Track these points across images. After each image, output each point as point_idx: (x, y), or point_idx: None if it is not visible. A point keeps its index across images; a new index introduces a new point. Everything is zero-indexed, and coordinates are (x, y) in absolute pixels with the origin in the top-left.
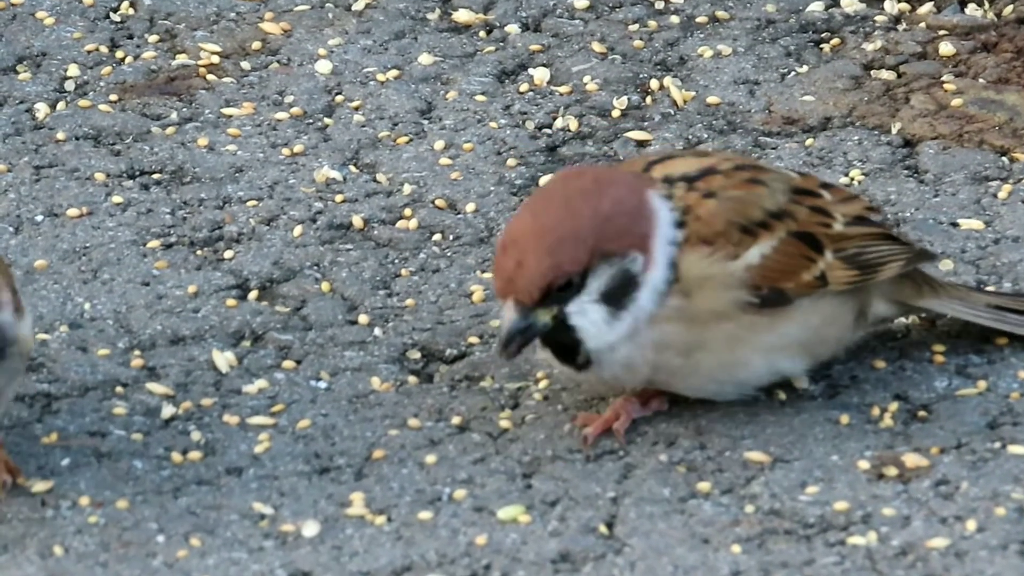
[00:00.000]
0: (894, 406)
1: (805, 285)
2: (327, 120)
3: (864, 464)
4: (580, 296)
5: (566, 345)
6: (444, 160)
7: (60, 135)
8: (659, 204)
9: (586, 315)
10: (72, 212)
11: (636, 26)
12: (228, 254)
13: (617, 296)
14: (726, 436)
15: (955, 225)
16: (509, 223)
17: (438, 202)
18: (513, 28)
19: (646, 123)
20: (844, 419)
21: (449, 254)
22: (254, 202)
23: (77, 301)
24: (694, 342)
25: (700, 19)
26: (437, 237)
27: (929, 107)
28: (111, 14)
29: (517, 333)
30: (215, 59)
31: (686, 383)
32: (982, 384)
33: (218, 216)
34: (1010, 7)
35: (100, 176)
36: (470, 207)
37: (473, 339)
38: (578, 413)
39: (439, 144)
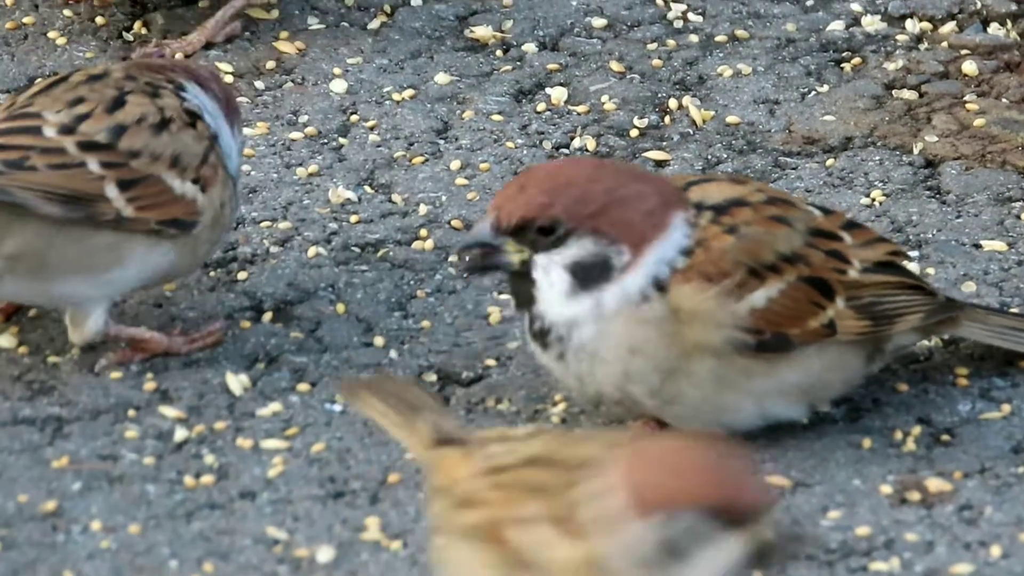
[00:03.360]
0: (917, 430)
1: (812, 332)
2: (342, 140)
3: (887, 488)
4: (552, 252)
5: (522, 298)
6: (460, 180)
7: None
8: (677, 224)
9: (549, 274)
10: None
11: (655, 45)
12: (242, 275)
13: (585, 274)
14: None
15: (977, 246)
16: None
17: (454, 223)
18: (530, 47)
19: (665, 143)
20: (866, 443)
21: (465, 275)
22: (268, 223)
23: None
24: (676, 365)
25: (719, 38)
26: (453, 258)
27: (951, 127)
28: (124, 33)
29: (476, 245)
30: (229, 78)
31: (668, 410)
32: (1006, 408)
33: (232, 237)
34: None
35: None
36: None
37: (490, 361)
38: None
39: (455, 164)
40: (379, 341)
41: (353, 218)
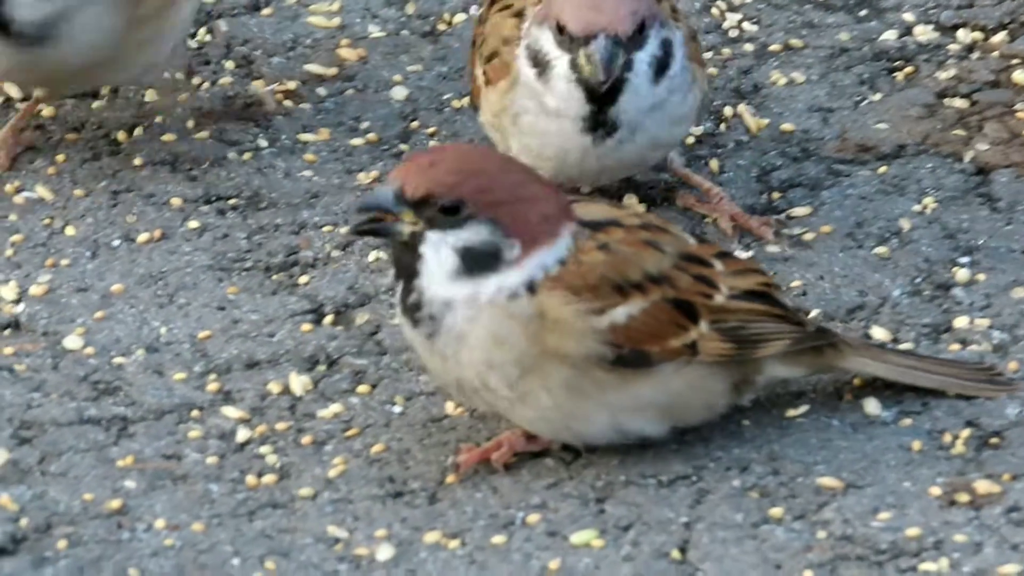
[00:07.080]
0: (965, 433)
1: (672, 351)
2: (402, 146)
3: (936, 490)
4: (448, 232)
5: (404, 270)
6: None
7: (137, 160)
8: (564, 236)
9: (438, 252)
10: (148, 237)
11: (710, 54)
12: (303, 279)
13: (473, 260)
14: (799, 462)
15: None
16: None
17: None
18: None
19: (720, 150)
20: (916, 445)
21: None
22: (329, 227)
23: (153, 325)
24: (534, 364)
25: (774, 47)
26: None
27: (1002, 135)
28: (188, 40)
29: (376, 208)
30: (291, 85)
31: (518, 411)
32: None
33: (293, 241)
34: None
35: (176, 201)
36: None
37: None
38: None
39: None
40: None
41: None
